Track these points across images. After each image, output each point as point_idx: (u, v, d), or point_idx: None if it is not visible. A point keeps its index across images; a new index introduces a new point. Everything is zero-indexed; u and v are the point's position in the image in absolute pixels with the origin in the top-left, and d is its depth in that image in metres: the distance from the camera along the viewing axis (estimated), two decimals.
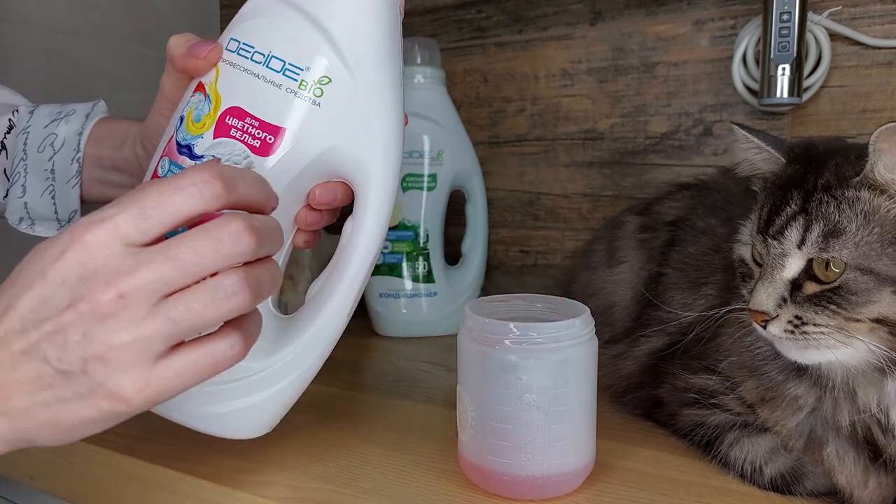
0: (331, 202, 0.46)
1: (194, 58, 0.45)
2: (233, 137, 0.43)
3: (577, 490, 0.44)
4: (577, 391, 0.43)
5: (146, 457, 0.49)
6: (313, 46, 0.44)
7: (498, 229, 1.00)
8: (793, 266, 0.41)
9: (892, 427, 0.40)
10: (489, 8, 0.97)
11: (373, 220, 0.46)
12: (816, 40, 0.76)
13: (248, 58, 0.44)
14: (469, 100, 1.00)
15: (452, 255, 0.88)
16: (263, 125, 0.43)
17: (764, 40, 0.75)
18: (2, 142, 0.58)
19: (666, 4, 0.86)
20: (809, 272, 0.40)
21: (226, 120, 0.43)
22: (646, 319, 0.58)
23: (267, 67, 0.43)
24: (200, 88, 0.45)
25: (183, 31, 0.48)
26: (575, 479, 0.44)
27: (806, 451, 0.44)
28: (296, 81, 0.43)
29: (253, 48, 0.44)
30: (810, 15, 0.75)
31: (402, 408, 0.59)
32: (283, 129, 0.43)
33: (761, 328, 0.42)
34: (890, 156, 0.38)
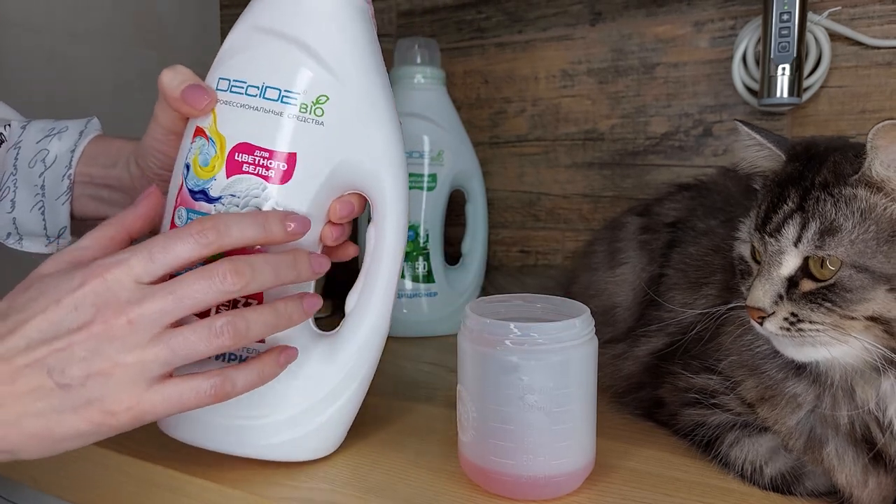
0: (350, 214, 0.47)
1: (190, 106, 0.45)
2: (246, 173, 0.44)
3: (578, 490, 0.44)
4: (578, 391, 0.43)
5: (147, 457, 0.49)
6: (303, 68, 0.44)
7: (498, 230, 1.00)
8: (789, 263, 0.41)
9: (891, 425, 0.41)
10: (489, 8, 0.97)
11: (394, 222, 0.47)
12: (816, 40, 0.77)
13: (243, 93, 0.45)
14: (469, 100, 1.00)
15: (452, 256, 0.88)
16: (274, 154, 0.44)
17: (764, 40, 0.75)
18: None
19: (666, 5, 0.87)
20: (806, 269, 0.40)
21: (235, 157, 0.44)
22: (647, 320, 0.58)
23: (264, 98, 0.44)
24: (200, 133, 0.46)
25: (184, 33, 0.48)
26: (576, 480, 0.44)
27: (806, 451, 0.44)
28: (295, 106, 0.44)
29: (245, 83, 0.45)
30: (810, 15, 0.75)
31: (403, 408, 0.59)
32: (294, 154, 0.44)
33: (758, 325, 0.42)
34: (887, 153, 0.38)
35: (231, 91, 0.45)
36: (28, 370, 0.37)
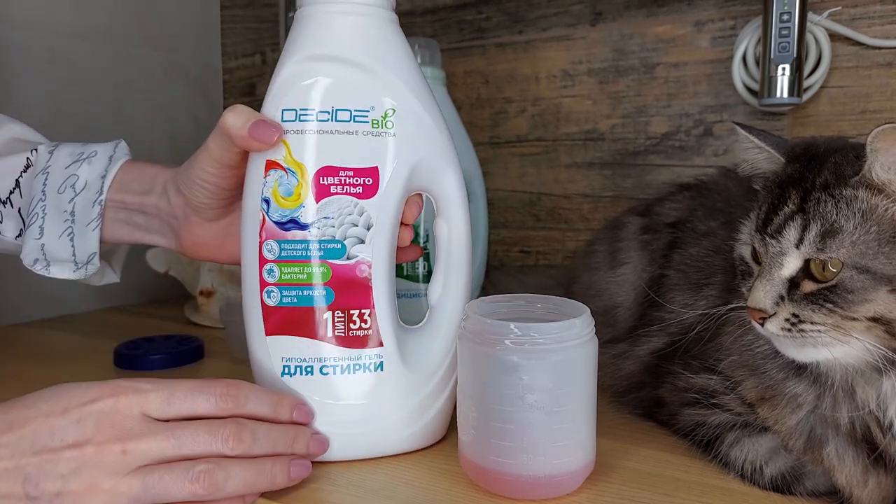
0: (418, 215, 0.50)
1: (260, 143, 0.46)
2: (336, 194, 0.47)
3: (578, 490, 0.44)
4: (578, 391, 0.43)
5: None
6: (367, 87, 0.47)
7: (498, 230, 1.00)
8: (790, 265, 0.41)
9: (891, 425, 0.41)
10: (489, 9, 0.97)
11: (460, 212, 0.50)
12: (816, 40, 0.77)
13: (314, 119, 0.46)
14: (470, 101, 1.00)
15: None
16: (358, 171, 0.47)
17: (764, 41, 0.75)
18: (17, 180, 0.57)
19: (666, 5, 0.87)
20: (807, 271, 0.40)
21: (321, 181, 0.46)
22: (648, 320, 0.58)
23: (337, 121, 0.46)
24: (274, 166, 0.47)
25: (185, 33, 0.48)
26: (576, 479, 0.44)
27: (806, 451, 0.44)
28: (367, 123, 0.47)
29: (314, 110, 0.46)
30: (810, 15, 0.75)
31: None
32: (376, 168, 0.47)
33: (759, 325, 0.42)
34: (887, 156, 0.38)
35: (300, 120, 0.46)
36: (6, 474, 0.37)
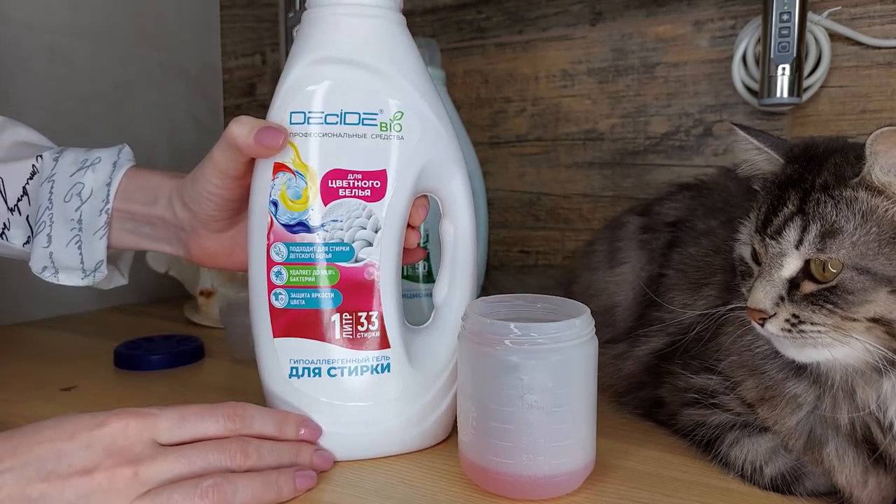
0: (423, 218, 0.50)
1: (267, 148, 0.46)
2: (344, 196, 0.47)
3: (578, 490, 0.44)
4: (578, 391, 0.43)
5: None
6: (376, 90, 0.47)
7: (498, 229, 1.00)
8: (790, 266, 0.41)
9: (891, 426, 0.40)
10: (489, 9, 0.97)
11: (466, 213, 0.50)
12: (816, 40, 0.77)
13: (322, 122, 0.46)
14: (470, 100, 1.00)
15: None
16: (367, 174, 0.47)
17: (764, 40, 0.75)
18: (24, 188, 0.57)
19: (666, 5, 0.87)
20: (807, 271, 0.40)
21: (329, 184, 0.46)
22: (647, 320, 0.58)
23: (345, 124, 0.46)
24: (282, 168, 0.47)
25: (185, 33, 0.48)
26: (576, 479, 0.44)
27: (806, 451, 0.44)
28: (376, 126, 0.46)
29: (322, 112, 0.46)
30: (810, 15, 0.75)
31: None
32: (385, 171, 0.47)
33: (759, 326, 0.42)
34: (886, 158, 0.38)
35: (309, 123, 0.46)
36: (9, 501, 0.36)
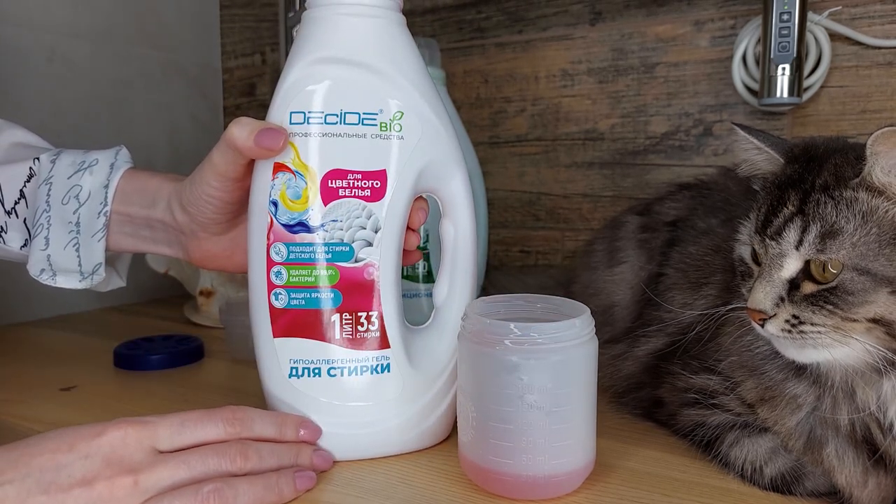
0: (423, 220, 0.50)
1: (267, 149, 0.46)
2: (344, 196, 0.47)
3: (578, 490, 0.44)
4: (578, 391, 0.43)
5: None
6: (376, 90, 0.47)
7: (498, 229, 1.00)
8: (790, 266, 0.41)
9: (891, 426, 0.40)
10: (489, 8, 0.97)
11: (466, 212, 0.50)
12: (816, 40, 0.77)
13: (322, 122, 0.46)
14: (469, 100, 1.00)
15: None
16: (367, 174, 0.47)
17: (764, 40, 0.75)
18: (21, 190, 0.57)
19: (666, 5, 0.87)
20: (807, 272, 0.40)
21: (329, 184, 0.46)
22: (646, 319, 0.58)
23: (345, 124, 0.46)
24: (282, 168, 0.47)
25: (184, 33, 0.48)
26: (575, 479, 0.44)
27: (806, 451, 0.44)
28: (376, 126, 0.46)
29: (322, 112, 0.46)
30: (810, 15, 0.75)
31: None
32: (384, 171, 0.47)
33: (759, 326, 0.42)
34: (887, 158, 0.38)
35: (309, 123, 0.46)
36: None
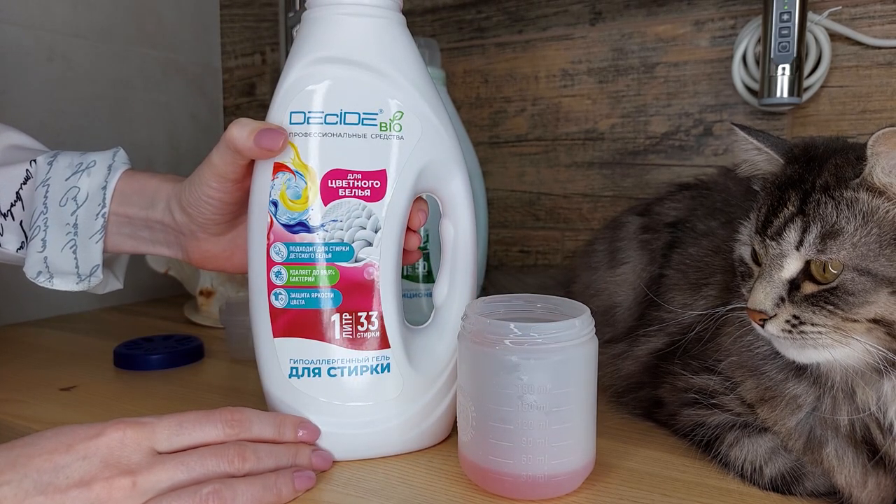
0: (423, 222, 0.50)
1: (267, 150, 0.46)
2: (344, 196, 0.47)
3: (578, 490, 0.44)
4: (578, 391, 0.43)
5: None
6: (377, 90, 0.47)
7: (498, 229, 1.00)
8: (791, 267, 0.41)
9: (891, 427, 0.40)
10: (489, 8, 0.97)
11: (466, 212, 0.50)
12: (816, 40, 0.77)
13: (322, 122, 0.46)
14: (469, 100, 1.00)
15: None
16: (367, 174, 0.47)
17: (764, 40, 0.75)
18: (17, 193, 0.57)
19: (666, 5, 0.87)
20: (807, 272, 0.40)
21: (329, 184, 0.46)
22: (647, 320, 0.58)
23: (345, 124, 0.46)
24: (282, 168, 0.47)
25: (184, 32, 0.48)
26: (575, 479, 0.44)
27: (805, 451, 0.44)
28: (376, 126, 0.46)
29: (322, 112, 0.46)
30: (810, 15, 0.75)
31: None
32: (384, 171, 0.47)
33: (759, 327, 0.42)
34: (888, 159, 0.38)
35: (309, 123, 0.46)
36: None
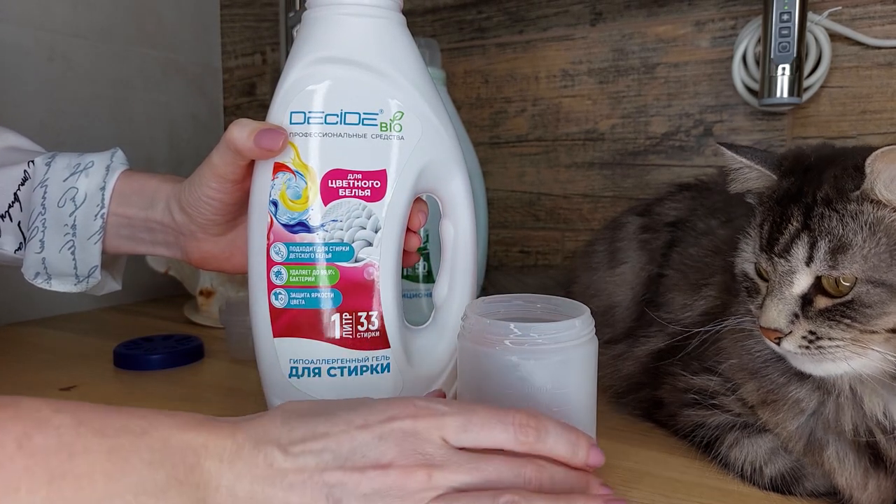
0: (423, 223, 0.50)
1: (267, 150, 0.46)
2: (344, 196, 0.47)
3: None
4: (578, 392, 0.43)
5: None
6: (377, 90, 0.47)
7: (498, 230, 1.00)
8: (801, 283, 0.40)
9: (895, 430, 0.40)
10: (490, 8, 0.97)
11: (467, 212, 0.50)
12: (816, 40, 0.77)
13: (322, 122, 0.46)
14: (470, 100, 1.00)
15: None
16: (367, 174, 0.47)
17: (764, 40, 0.75)
18: (15, 194, 0.56)
19: (666, 5, 0.87)
20: (819, 287, 0.39)
21: (329, 184, 0.46)
22: (646, 320, 0.58)
23: (345, 124, 0.46)
24: (282, 168, 0.47)
25: (184, 32, 0.48)
26: None
27: (806, 453, 0.43)
28: (376, 126, 0.46)
29: (323, 112, 0.46)
30: (810, 15, 0.75)
31: None
32: (385, 171, 0.47)
33: (775, 345, 0.41)
34: (888, 173, 0.38)
35: (309, 123, 0.46)
36: (310, 487, 0.34)
